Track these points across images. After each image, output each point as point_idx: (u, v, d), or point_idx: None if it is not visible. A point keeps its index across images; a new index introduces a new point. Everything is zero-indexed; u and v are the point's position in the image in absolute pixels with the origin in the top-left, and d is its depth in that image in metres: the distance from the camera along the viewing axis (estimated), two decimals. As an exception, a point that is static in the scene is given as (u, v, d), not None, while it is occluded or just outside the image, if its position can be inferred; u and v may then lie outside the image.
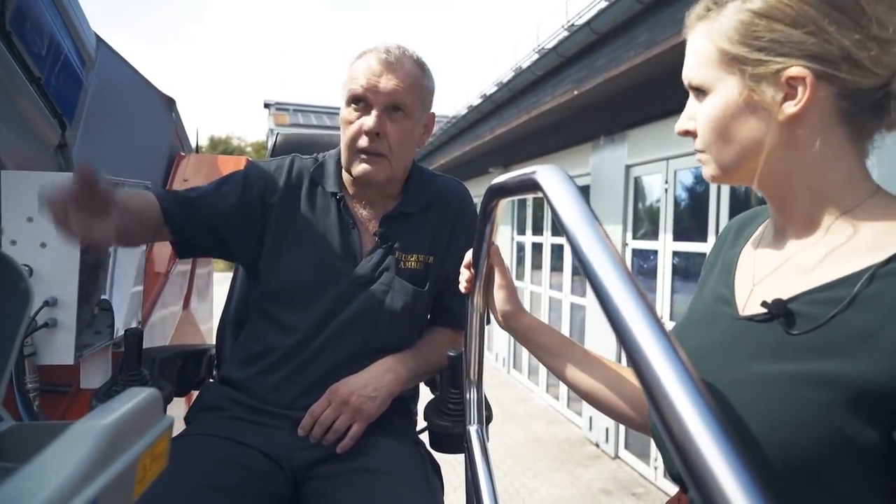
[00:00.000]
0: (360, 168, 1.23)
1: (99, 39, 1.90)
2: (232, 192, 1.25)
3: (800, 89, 0.66)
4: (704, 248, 4.37)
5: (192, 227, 1.21)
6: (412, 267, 1.28)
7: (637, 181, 5.41)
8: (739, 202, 4.15)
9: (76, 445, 0.46)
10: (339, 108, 1.29)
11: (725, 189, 4.18)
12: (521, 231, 8.17)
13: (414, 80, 1.23)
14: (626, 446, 5.41)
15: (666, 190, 4.87)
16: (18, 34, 1.32)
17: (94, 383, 1.35)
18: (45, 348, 1.17)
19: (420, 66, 1.25)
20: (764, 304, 0.68)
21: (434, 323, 1.37)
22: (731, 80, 0.70)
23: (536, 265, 7.68)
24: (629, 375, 0.93)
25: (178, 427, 1.26)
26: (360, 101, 1.21)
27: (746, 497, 0.35)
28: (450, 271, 1.30)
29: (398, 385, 1.22)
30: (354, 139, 1.22)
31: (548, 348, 0.96)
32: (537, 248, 7.71)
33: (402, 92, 1.21)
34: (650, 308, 0.46)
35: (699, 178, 4.61)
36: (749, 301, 0.74)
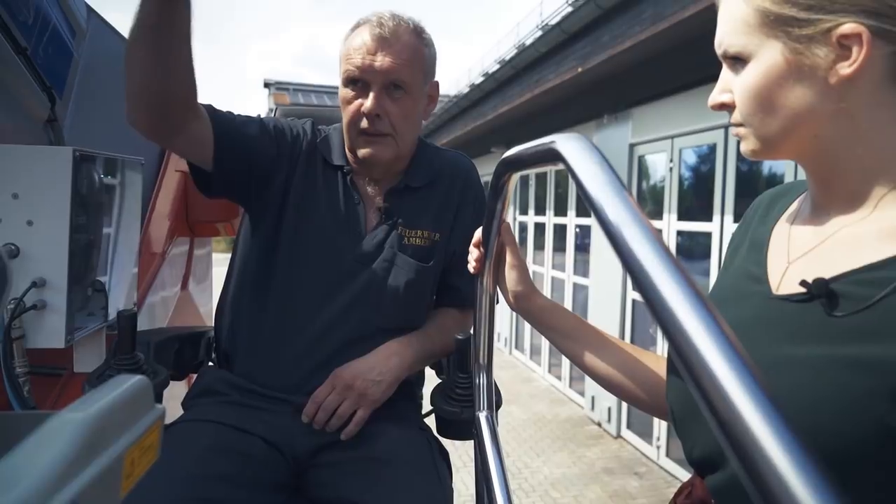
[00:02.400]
0: (364, 150, 1.18)
1: (90, 10, 1.82)
2: (273, 138, 1.19)
3: (854, 48, 0.60)
4: (709, 227, 4.32)
5: (234, 152, 1.13)
6: (417, 243, 1.23)
7: (641, 160, 5.35)
8: (745, 181, 4.09)
9: (53, 440, 0.42)
10: (336, 87, 1.23)
11: (731, 168, 4.12)
12: (524, 211, 8.12)
13: (412, 52, 1.16)
14: (629, 426, 5.41)
15: (671, 169, 4.81)
16: (2, 2, 1.25)
17: (88, 367, 1.30)
18: (35, 331, 1.12)
19: (418, 34, 1.19)
20: (803, 283, 0.63)
21: (440, 303, 1.32)
22: (773, 45, 0.63)
23: (539, 245, 7.64)
24: (645, 358, 0.89)
25: (177, 412, 1.22)
26: (357, 82, 1.15)
27: (804, 477, 0.31)
28: (455, 247, 1.25)
29: (404, 369, 1.18)
30: (355, 121, 1.17)
31: (561, 330, 0.92)
32: (539, 228, 7.67)
33: (400, 68, 1.14)
34: (693, 284, 0.41)
35: (704, 157, 4.54)
36: (784, 280, 0.68)
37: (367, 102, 1.14)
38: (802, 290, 0.63)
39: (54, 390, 1.32)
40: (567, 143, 0.58)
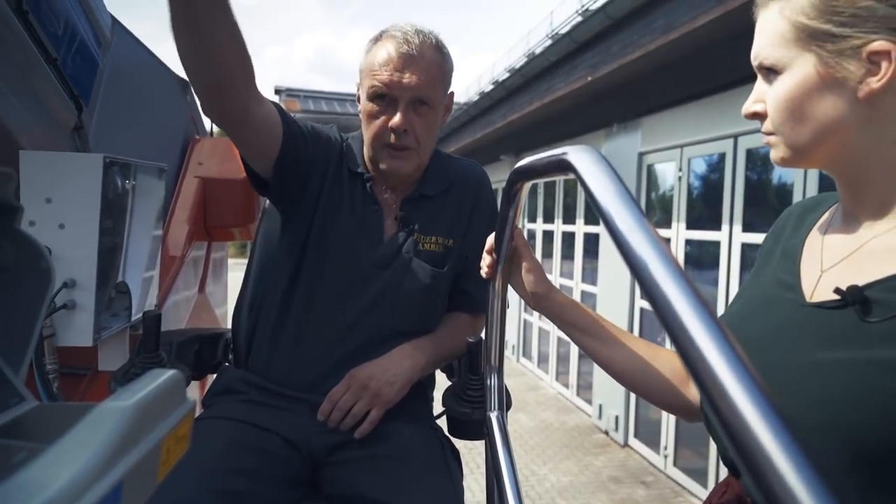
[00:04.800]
0: (388, 163, 1.21)
1: (114, 21, 1.88)
2: (311, 139, 1.22)
3: (883, 64, 0.64)
4: (717, 236, 4.33)
5: (297, 146, 1.16)
6: (431, 249, 1.27)
7: (650, 169, 5.36)
8: (754, 191, 4.11)
9: (101, 426, 0.46)
10: (350, 95, 1.27)
11: (740, 178, 4.13)
12: (532, 219, 8.14)
13: (437, 69, 1.21)
14: (636, 434, 5.40)
15: (679, 178, 4.82)
16: (35, 14, 1.30)
17: (112, 366, 1.35)
18: (64, 330, 1.16)
19: (440, 49, 1.22)
20: (837, 290, 0.66)
21: (452, 308, 1.36)
22: (807, 58, 0.67)
23: (547, 253, 7.66)
24: (662, 355, 0.92)
25: (195, 410, 1.25)
26: (383, 98, 1.18)
27: (804, 481, 0.33)
28: (468, 253, 1.29)
29: (417, 371, 1.22)
30: (380, 135, 1.20)
31: (582, 327, 0.94)
32: (548, 236, 7.68)
33: (426, 85, 1.18)
34: (698, 293, 0.44)
35: (713, 167, 4.56)
36: (818, 288, 0.72)
37: (396, 119, 1.17)
38: (836, 297, 0.66)
39: (80, 387, 1.36)
40: (579, 155, 0.62)
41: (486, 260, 0.95)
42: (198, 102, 1.03)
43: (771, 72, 0.71)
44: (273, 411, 1.17)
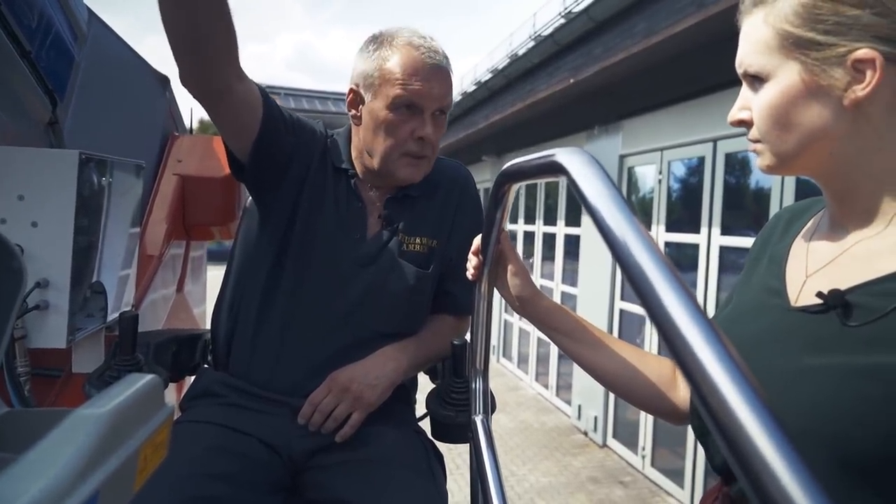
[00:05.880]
0: (407, 172, 1.19)
1: (91, 14, 1.84)
2: (291, 126, 1.19)
3: (868, 72, 0.64)
4: (696, 239, 4.38)
5: (277, 128, 1.13)
6: (416, 249, 1.25)
7: (631, 171, 5.41)
8: (733, 194, 4.16)
9: (76, 435, 0.44)
10: (331, 93, 1.24)
11: (719, 181, 4.18)
12: (513, 220, 8.16)
13: (451, 78, 1.21)
14: (615, 435, 5.45)
15: (660, 181, 4.87)
16: (7, 6, 1.27)
17: (86, 368, 1.31)
18: (37, 331, 1.13)
19: (448, 58, 1.22)
20: (819, 294, 0.66)
21: (436, 310, 1.34)
22: (791, 66, 0.67)
23: (527, 254, 7.68)
24: (647, 360, 0.91)
25: (173, 416, 1.23)
26: (409, 107, 1.16)
27: (801, 487, 0.33)
28: (452, 254, 1.28)
29: (399, 374, 1.20)
30: (403, 143, 1.17)
31: (565, 331, 0.93)
32: (529, 237, 7.71)
33: (448, 95, 1.19)
34: (691, 295, 0.44)
35: (693, 170, 4.61)
36: (802, 292, 0.71)
37: (426, 129, 1.16)
38: (819, 301, 0.66)
39: (52, 390, 1.33)
40: (570, 157, 0.61)
41: (472, 261, 0.94)
42: (176, 92, 1.01)
43: (756, 79, 0.71)
44: (253, 415, 1.15)
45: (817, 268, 0.72)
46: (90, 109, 1.73)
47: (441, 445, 1.27)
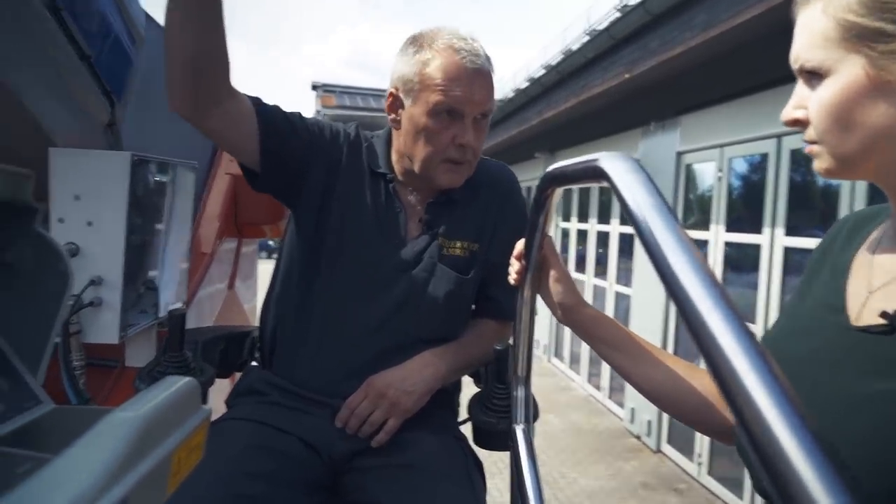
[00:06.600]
0: (448, 178, 1.18)
1: (148, 17, 1.89)
2: (307, 130, 1.18)
3: None
4: (758, 239, 4.20)
5: (280, 137, 1.13)
6: (456, 254, 1.23)
7: (689, 168, 5.24)
8: (799, 193, 3.97)
9: (107, 439, 0.44)
10: (382, 90, 1.23)
11: (784, 179, 4.00)
12: (566, 217, 8.04)
13: (492, 81, 1.18)
14: (669, 440, 5.29)
15: (719, 178, 4.69)
16: (69, 11, 1.31)
17: (138, 362, 1.36)
18: (91, 327, 1.17)
19: (490, 60, 1.19)
20: (884, 314, 0.61)
21: (478, 314, 1.32)
22: (854, 60, 0.61)
23: (581, 253, 7.56)
24: (694, 374, 0.87)
25: (221, 410, 1.25)
26: (451, 113, 1.14)
27: None
28: (495, 259, 1.25)
29: (438, 380, 1.19)
30: (444, 150, 1.15)
31: (609, 341, 0.89)
32: (582, 235, 7.59)
33: (490, 99, 1.17)
34: (737, 314, 0.40)
35: (755, 167, 4.42)
36: (864, 311, 0.66)
37: (467, 136, 1.14)
38: (883, 321, 0.61)
39: (108, 381, 1.37)
40: (613, 163, 0.58)
41: (514, 266, 0.92)
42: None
43: (813, 75, 0.65)
44: (295, 414, 1.16)
45: (881, 284, 0.66)
46: (147, 111, 1.78)
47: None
